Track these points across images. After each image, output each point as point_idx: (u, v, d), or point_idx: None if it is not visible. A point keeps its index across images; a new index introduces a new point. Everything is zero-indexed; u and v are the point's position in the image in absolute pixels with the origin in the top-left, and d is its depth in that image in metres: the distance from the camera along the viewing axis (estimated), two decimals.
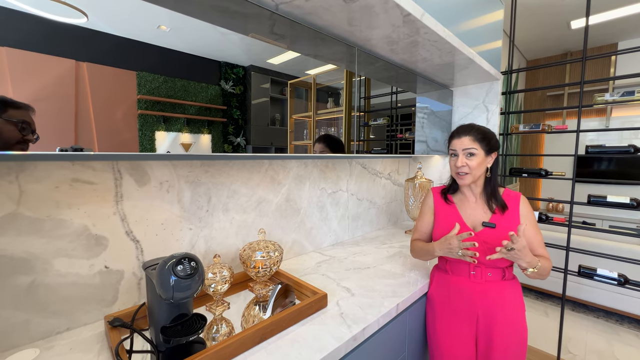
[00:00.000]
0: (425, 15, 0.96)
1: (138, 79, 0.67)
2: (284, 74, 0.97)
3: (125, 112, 0.66)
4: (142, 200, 0.90)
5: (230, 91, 0.82)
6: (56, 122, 0.58)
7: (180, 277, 0.64)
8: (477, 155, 1.01)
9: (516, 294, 1.05)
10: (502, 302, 1.02)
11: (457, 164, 1.03)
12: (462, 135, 1.03)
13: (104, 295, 0.85)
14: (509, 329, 1.01)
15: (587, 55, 1.60)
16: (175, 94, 0.72)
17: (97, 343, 0.75)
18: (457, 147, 1.03)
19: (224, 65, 0.81)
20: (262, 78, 0.91)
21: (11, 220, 0.71)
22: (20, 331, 0.73)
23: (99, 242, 0.83)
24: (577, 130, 1.63)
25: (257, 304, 0.99)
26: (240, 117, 0.85)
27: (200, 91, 0.76)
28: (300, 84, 1.06)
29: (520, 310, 1.04)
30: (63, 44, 0.57)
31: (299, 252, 1.41)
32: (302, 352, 0.72)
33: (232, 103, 0.83)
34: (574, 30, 3.63)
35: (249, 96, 0.87)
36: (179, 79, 0.72)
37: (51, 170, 0.75)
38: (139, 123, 0.68)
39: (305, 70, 1.04)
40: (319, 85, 1.12)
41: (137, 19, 0.65)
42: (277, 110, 1.00)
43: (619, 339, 2.18)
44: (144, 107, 0.68)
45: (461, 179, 1.04)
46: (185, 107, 0.74)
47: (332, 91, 1.17)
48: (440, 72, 1.57)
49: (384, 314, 0.91)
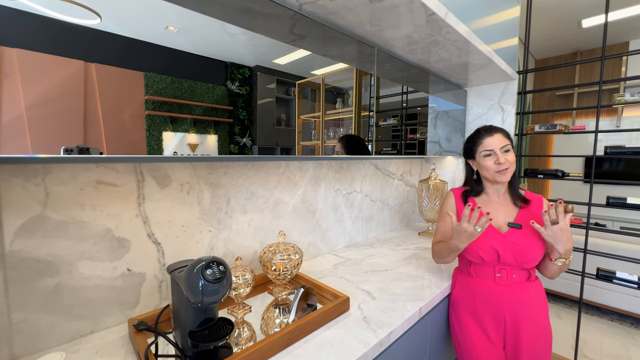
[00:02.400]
0: (448, 14, 0.95)
1: (145, 79, 0.67)
2: (289, 74, 0.97)
3: (133, 112, 0.66)
4: (163, 202, 0.90)
5: (237, 91, 0.83)
6: (65, 122, 0.58)
7: (209, 281, 0.63)
8: (511, 152, 1.05)
9: (541, 295, 1.05)
10: (528, 303, 1.01)
11: (499, 161, 1.02)
12: (494, 133, 1.05)
13: (126, 298, 0.85)
14: (535, 329, 1.00)
15: (605, 55, 1.57)
16: (182, 95, 0.72)
17: (122, 347, 0.75)
18: (493, 146, 1.04)
19: (230, 66, 0.81)
20: (268, 78, 0.91)
21: (38, 223, 0.70)
22: (46, 334, 0.73)
23: (122, 244, 0.83)
24: (596, 130, 1.61)
25: (276, 307, 0.98)
26: (246, 118, 0.86)
27: (206, 92, 0.77)
28: (308, 84, 1.06)
29: (545, 310, 1.04)
30: (72, 45, 0.57)
31: (315, 253, 1.40)
32: (330, 358, 0.71)
33: (238, 104, 0.83)
34: (585, 29, 3.58)
35: (255, 96, 0.87)
36: (185, 79, 0.73)
37: (76, 172, 0.75)
38: (146, 123, 0.68)
39: (311, 71, 1.03)
40: (327, 85, 1.11)
41: (145, 19, 0.65)
42: (283, 110, 1.00)
43: (635, 343, 2.14)
44: (152, 108, 0.68)
45: (503, 174, 1.03)
46: (192, 108, 0.75)
47: (338, 91, 1.16)
48: (455, 72, 1.55)
49: (408, 318, 0.90)
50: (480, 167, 1.08)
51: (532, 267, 1.02)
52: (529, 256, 0.98)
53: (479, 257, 1.04)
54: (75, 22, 0.57)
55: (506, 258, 1.00)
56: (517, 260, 0.99)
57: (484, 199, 1.11)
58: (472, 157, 1.10)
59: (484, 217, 0.91)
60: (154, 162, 0.87)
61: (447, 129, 1.78)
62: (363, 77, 1.18)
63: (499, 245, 1.01)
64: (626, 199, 1.51)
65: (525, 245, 0.99)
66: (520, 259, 0.99)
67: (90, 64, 0.60)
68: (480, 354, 1.03)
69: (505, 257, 1.00)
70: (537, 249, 0.98)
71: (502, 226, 1.04)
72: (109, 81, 0.62)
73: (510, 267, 1.01)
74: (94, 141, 0.62)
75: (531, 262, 0.99)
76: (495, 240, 1.02)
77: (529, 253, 0.98)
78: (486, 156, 1.05)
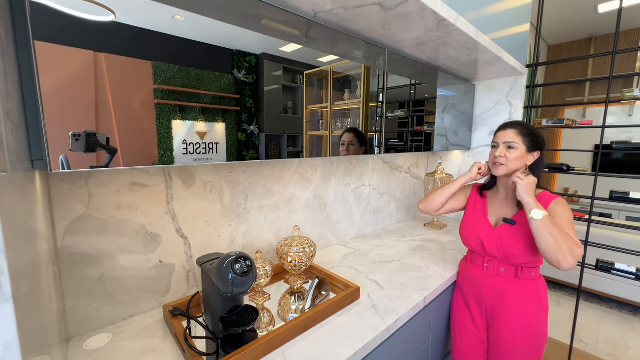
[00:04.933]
0: (459, 19, 0.97)
1: (154, 68, 0.68)
2: (296, 61, 0.96)
3: (142, 101, 0.67)
4: (189, 200, 0.98)
5: (243, 80, 0.83)
6: (78, 110, 0.59)
7: (237, 274, 0.71)
8: (517, 150, 1.02)
9: (531, 294, 1.04)
10: (509, 297, 1.04)
11: (495, 154, 1.06)
12: (508, 128, 1.06)
13: (159, 286, 0.94)
14: (516, 325, 1.03)
15: (617, 50, 1.56)
16: (190, 84, 0.73)
17: (160, 329, 0.85)
18: (499, 139, 1.06)
19: (237, 54, 0.81)
20: (275, 66, 0.91)
21: (83, 221, 0.79)
22: (94, 318, 0.83)
23: (154, 239, 0.92)
24: (603, 126, 1.62)
25: (292, 294, 1.07)
26: (253, 106, 0.87)
27: (214, 80, 0.78)
28: (315, 74, 1.05)
29: (534, 310, 1.03)
30: (81, 35, 0.58)
31: (325, 245, 1.48)
32: (344, 341, 0.80)
33: (245, 92, 0.84)
34: (601, 14, 3.47)
35: (262, 84, 0.88)
36: (193, 68, 0.73)
37: (114, 175, 0.82)
38: (155, 112, 0.69)
39: (318, 58, 1.02)
40: (335, 74, 1.11)
41: (152, 8, 0.65)
42: (290, 98, 1.00)
43: (631, 329, 2.23)
44: (160, 97, 0.69)
45: (495, 168, 1.06)
46: (200, 97, 0.76)
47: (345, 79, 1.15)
48: (464, 68, 1.57)
49: (413, 306, 0.98)
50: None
51: (521, 264, 1.04)
52: (513, 251, 1.02)
53: (469, 244, 1.15)
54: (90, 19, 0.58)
55: (491, 250, 1.06)
56: (501, 253, 1.04)
57: (494, 192, 1.17)
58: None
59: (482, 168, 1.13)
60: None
61: (455, 122, 1.80)
62: (371, 68, 1.19)
63: (485, 237, 1.08)
64: (629, 193, 1.54)
65: (511, 240, 1.02)
66: (504, 253, 1.04)
67: (100, 54, 0.61)
68: (462, 331, 1.16)
69: (490, 248, 1.06)
70: (523, 245, 1.00)
71: (499, 221, 1.10)
72: (118, 71, 0.63)
73: (497, 260, 1.07)
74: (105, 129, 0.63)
75: (516, 257, 1.02)
76: (483, 231, 1.09)
77: (512, 248, 1.02)
78: (493, 147, 1.10)
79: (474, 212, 1.17)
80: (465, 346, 1.15)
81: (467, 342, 1.14)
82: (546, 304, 1.07)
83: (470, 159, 1.97)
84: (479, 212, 1.15)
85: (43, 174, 0.69)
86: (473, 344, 1.13)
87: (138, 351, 0.76)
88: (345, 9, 0.86)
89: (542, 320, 1.04)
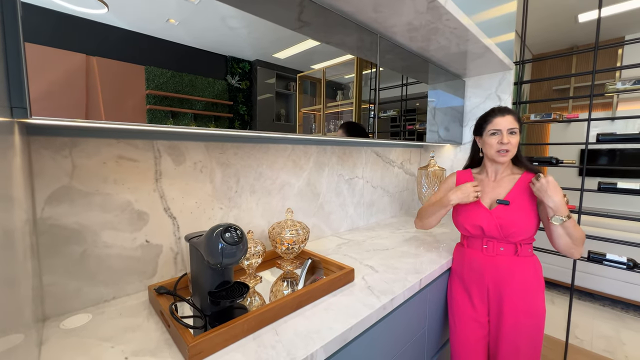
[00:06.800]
0: (448, 1, 1.00)
1: (146, 73, 0.66)
2: (289, 68, 0.96)
3: (134, 106, 0.66)
4: (178, 179, 0.95)
5: (237, 86, 0.83)
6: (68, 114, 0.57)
7: (228, 244, 0.69)
8: (517, 135, 1.06)
9: (530, 272, 1.06)
10: (511, 276, 1.05)
11: (502, 141, 1.05)
12: (506, 114, 1.06)
13: (145, 268, 0.90)
14: (519, 304, 1.03)
15: (599, 45, 1.62)
16: (182, 89, 0.72)
17: (144, 309, 0.80)
18: (501, 126, 1.05)
19: (230, 60, 0.81)
20: (268, 73, 0.91)
21: (65, 193, 0.75)
22: (73, 298, 0.78)
23: (141, 217, 0.88)
24: (589, 119, 1.67)
25: (284, 280, 1.04)
26: (246, 113, 0.85)
27: (207, 86, 0.77)
28: (308, 77, 1.06)
29: (534, 288, 1.05)
30: (73, 38, 0.57)
31: (319, 235, 1.45)
32: (338, 318, 0.77)
33: (238, 98, 0.83)
34: (582, 23, 3.63)
35: (255, 91, 0.87)
36: (186, 73, 0.72)
37: (100, 146, 0.80)
38: (147, 118, 0.67)
39: (310, 65, 1.03)
40: (327, 79, 1.12)
41: (146, 11, 0.64)
42: (282, 105, 1.00)
43: (625, 326, 2.23)
44: (153, 102, 0.68)
45: (502, 156, 1.07)
46: (193, 103, 0.74)
47: (338, 86, 1.17)
48: (454, 62, 1.60)
49: (409, 287, 0.95)
50: (485, 144, 1.11)
51: (519, 242, 1.06)
52: (513, 229, 1.03)
53: (467, 231, 1.13)
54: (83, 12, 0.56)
55: (491, 232, 1.06)
56: (502, 233, 1.05)
57: (483, 177, 1.17)
58: (480, 134, 1.14)
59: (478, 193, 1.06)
60: (169, 138, 0.92)
61: (446, 118, 1.83)
62: (364, 70, 1.21)
63: (483, 221, 1.08)
64: (616, 184, 1.57)
65: (509, 219, 1.04)
66: (505, 232, 1.04)
67: (92, 57, 0.59)
68: (462, 317, 1.14)
69: (490, 230, 1.07)
70: (521, 222, 1.03)
71: (493, 204, 1.10)
72: (110, 75, 0.61)
73: (496, 240, 1.08)
74: None
75: (516, 235, 1.03)
76: (480, 216, 1.09)
77: (512, 226, 1.03)
78: (492, 134, 1.08)
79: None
80: (466, 332, 1.12)
81: (468, 328, 1.11)
82: (543, 282, 1.09)
83: (462, 154, 1.99)
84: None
85: (24, 139, 0.66)
86: (474, 329, 1.11)
87: (120, 328, 0.71)
88: None
89: (541, 298, 1.06)
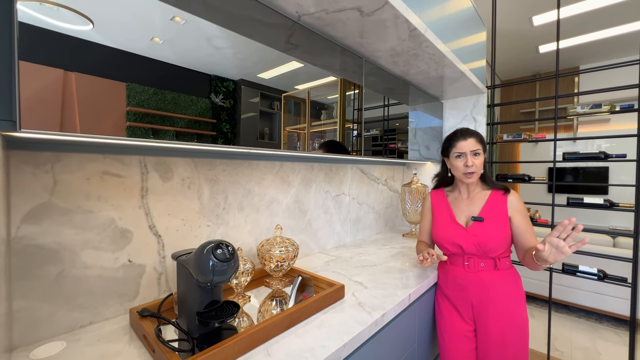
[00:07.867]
0: (428, 30, 1.08)
1: (128, 90, 0.65)
2: (274, 88, 0.97)
3: (114, 123, 0.64)
4: (165, 195, 0.93)
5: (220, 104, 0.82)
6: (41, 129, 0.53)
7: (219, 260, 0.67)
8: (481, 155, 1.12)
9: (512, 284, 1.09)
10: (494, 290, 1.08)
11: (467, 164, 1.10)
12: (468, 137, 1.12)
13: (126, 289, 0.85)
14: (504, 314, 1.06)
15: (559, 73, 1.80)
16: (165, 107, 0.71)
17: (125, 335, 0.75)
18: (464, 149, 1.11)
19: (215, 79, 0.80)
20: (252, 92, 0.91)
21: (44, 210, 0.71)
22: (45, 324, 0.72)
23: (124, 235, 0.84)
24: (555, 139, 1.81)
25: (273, 299, 1.01)
26: (230, 131, 0.85)
27: (190, 104, 0.76)
28: (293, 97, 1.08)
29: (517, 299, 1.08)
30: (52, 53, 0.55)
31: (306, 252, 1.44)
32: (331, 335, 0.75)
33: (221, 116, 0.82)
34: (542, 54, 4.01)
35: (239, 110, 0.87)
36: (169, 91, 0.71)
37: (84, 162, 0.77)
38: (127, 134, 0.66)
39: (295, 85, 1.05)
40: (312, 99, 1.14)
41: (131, 29, 0.64)
42: (266, 124, 1.01)
43: (599, 336, 2.32)
44: (133, 119, 0.66)
45: (469, 177, 1.12)
46: (175, 120, 0.73)
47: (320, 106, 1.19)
48: (433, 85, 1.71)
49: (399, 302, 0.96)
50: (452, 166, 1.18)
51: (497, 256, 1.10)
52: (490, 246, 1.07)
53: (447, 250, 1.17)
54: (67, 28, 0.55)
55: (469, 249, 1.10)
56: (480, 250, 1.09)
57: (455, 195, 1.23)
58: (447, 155, 1.21)
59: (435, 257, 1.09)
60: (158, 154, 0.90)
61: (426, 137, 1.92)
62: (347, 91, 1.26)
63: (461, 239, 1.12)
64: (583, 198, 1.69)
65: (485, 236, 1.08)
66: (483, 249, 1.09)
67: (70, 73, 0.58)
68: (450, 332, 1.15)
69: (468, 248, 1.11)
70: (497, 239, 1.07)
71: (469, 221, 1.15)
72: (89, 91, 0.60)
73: (476, 256, 1.11)
74: None
75: (493, 251, 1.08)
76: (458, 235, 1.13)
77: (489, 243, 1.07)
78: (457, 157, 1.14)
79: (442, 217, 1.21)
80: (455, 346, 1.12)
81: (457, 342, 1.12)
82: (524, 292, 1.13)
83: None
84: (446, 216, 1.20)
85: (4, 154, 0.63)
86: (462, 343, 1.11)
87: (97, 356, 0.66)
88: (327, 13, 0.93)
89: (524, 308, 1.09)
